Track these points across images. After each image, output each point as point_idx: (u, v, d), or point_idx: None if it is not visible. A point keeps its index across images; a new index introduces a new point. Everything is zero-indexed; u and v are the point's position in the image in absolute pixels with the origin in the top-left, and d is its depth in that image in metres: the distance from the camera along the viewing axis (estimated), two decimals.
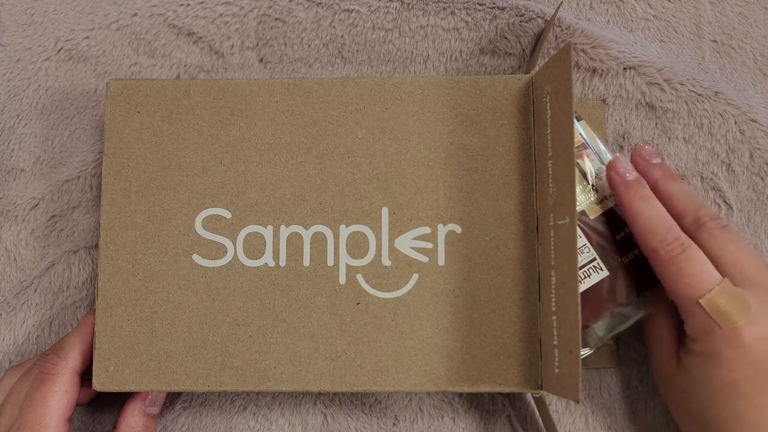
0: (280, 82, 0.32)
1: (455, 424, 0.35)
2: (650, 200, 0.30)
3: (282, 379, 0.30)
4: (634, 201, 0.30)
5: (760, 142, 0.36)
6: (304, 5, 0.38)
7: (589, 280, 0.31)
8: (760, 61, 0.38)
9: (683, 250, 0.28)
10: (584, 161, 0.32)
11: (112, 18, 0.38)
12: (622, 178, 0.30)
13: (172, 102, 0.32)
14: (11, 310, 0.36)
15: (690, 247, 0.28)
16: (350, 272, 0.31)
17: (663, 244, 0.28)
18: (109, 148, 0.32)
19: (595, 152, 0.32)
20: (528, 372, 0.30)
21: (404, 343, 0.30)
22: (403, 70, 0.38)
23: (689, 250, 0.28)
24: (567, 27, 0.36)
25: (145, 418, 0.32)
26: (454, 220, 0.31)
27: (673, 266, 0.28)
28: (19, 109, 0.38)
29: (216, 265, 0.31)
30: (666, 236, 0.29)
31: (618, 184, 0.30)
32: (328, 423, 0.35)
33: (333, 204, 0.31)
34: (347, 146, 0.32)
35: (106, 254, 0.31)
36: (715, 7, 0.38)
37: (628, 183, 0.30)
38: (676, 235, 0.29)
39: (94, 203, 0.37)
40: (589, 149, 0.32)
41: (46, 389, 0.30)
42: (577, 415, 0.34)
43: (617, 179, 0.30)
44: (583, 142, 0.32)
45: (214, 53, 0.38)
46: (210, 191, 0.32)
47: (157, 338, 0.31)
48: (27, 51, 0.38)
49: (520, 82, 0.32)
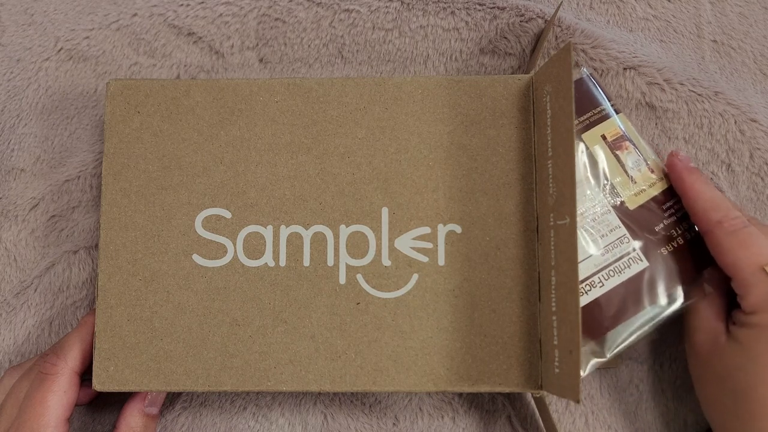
0: (280, 82, 0.32)
1: (455, 424, 0.35)
2: (710, 183, 0.31)
3: (282, 379, 0.30)
4: (696, 183, 0.31)
5: (760, 142, 0.36)
6: (304, 5, 0.38)
7: (629, 270, 0.31)
8: (760, 61, 0.38)
9: (745, 224, 0.30)
10: (623, 153, 0.32)
11: (112, 18, 0.38)
12: (684, 163, 0.32)
13: (172, 102, 0.32)
14: (11, 310, 0.36)
15: (750, 224, 0.30)
16: (350, 272, 0.31)
17: (727, 218, 0.30)
18: (109, 148, 0.32)
19: (634, 144, 0.32)
20: (528, 372, 0.30)
21: (404, 343, 0.30)
22: (403, 70, 0.38)
23: (750, 226, 0.30)
24: (567, 27, 0.36)
25: (145, 418, 0.32)
26: (454, 220, 0.31)
27: (737, 237, 0.29)
28: (19, 109, 0.38)
29: (216, 265, 0.31)
30: (728, 212, 0.30)
31: (681, 169, 0.32)
32: (328, 423, 0.35)
33: (333, 204, 0.31)
34: (347, 146, 0.32)
35: (106, 254, 0.31)
36: (715, 7, 0.38)
37: (690, 168, 0.32)
38: (737, 213, 0.30)
39: (94, 203, 0.37)
40: (627, 141, 0.32)
41: (45, 389, 0.30)
42: (577, 415, 0.34)
43: (680, 164, 0.32)
44: (621, 134, 0.32)
45: (214, 53, 0.38)
46: (210, 191, 0.32)
47: (157, 338, 0.31)
48: (27, 51, 0.38)
49: (520, 82, 0.32)
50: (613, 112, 0.33)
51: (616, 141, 0.32)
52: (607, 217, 0.32)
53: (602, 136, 0.32)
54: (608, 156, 0.32)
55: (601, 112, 0.32)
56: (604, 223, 0.31)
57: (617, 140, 0.32)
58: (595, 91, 0.33)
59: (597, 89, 0.33)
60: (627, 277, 0.31)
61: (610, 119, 0.32)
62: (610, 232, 0.31)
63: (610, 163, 0.32)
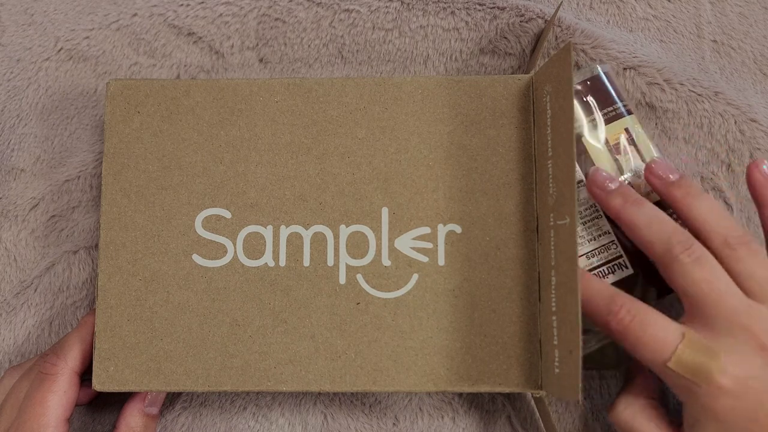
0: (280, 82, 0.32)
1: (455, 424, 0.35)
2: (585, 275, 0.28)
3: (282, 379, 0.30)
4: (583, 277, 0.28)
5: (760, 142, 0.36)
6: (304, 5, 0.38)
7: (612, 276, 0.31)
8: (760, 61, 0.38)
9: (632, 317, 0.27)
10: (623, 158, 0.32)
11: (112, 18, 0.38)
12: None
13: (172, 102, 0.32)
14: (11, 310, 0.36)
15: (638, 312, 0.27)
16: (350, 272, 0.31)
17: (611, 317, 0.27)
18: (109, 148, 0.32)
19: (638, 150, 0.32)
20: (528, 372, 0.30)
21: (404, 343, 0.30)
22: (403, 70, 0.38)
23: (638, 315, 0.27)
24: (567, 27, 0.36)
25: (145, 418, 0.32)
26: (454, 220, 0.31)
27: (629, 336, 0.27)
28: (19, 109, 0.38)
29: (216, 265, 0.31)
30: (611, 308, 0.27)
31: None
32: (328, 423, 0.35)
33: (333, 204, 0.31)
34: (347, 146, 0.32)
35: (106, 254, 0.31)
36: (715, 7, 0.38)
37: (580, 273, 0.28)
38: (620, 302, 0.27)
39: (94, 203, 0.37)
40: (632, 146, 0.32)
41: (45, 389, 0.30)
42: (577, 415, 0.34)
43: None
44: (628, 137, 0.32)
45: (214, 53, 0.38)
46: (210, 191, 0.32)
47: (157, 338, 0.31)
48: (27, 51, 0.38)
49: (520, 82, 0.32)
50: (625, 113, 0.32)
51: (617, 145, 0.32)
52: (597, 222, 0.31)
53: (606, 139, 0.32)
54: (608, 159, 0.32)
55: (613, 111, 0.32)
56: (594, 227, 0.31)
57: (619, 144, 0.32)
58: (611, 90, 0.33)
59: (611, 88, 0.33)
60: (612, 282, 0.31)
61: (621, 120, 0.32)
62: (600, 236, 0.31)
63: (610, 166, 0.32)
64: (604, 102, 0.32)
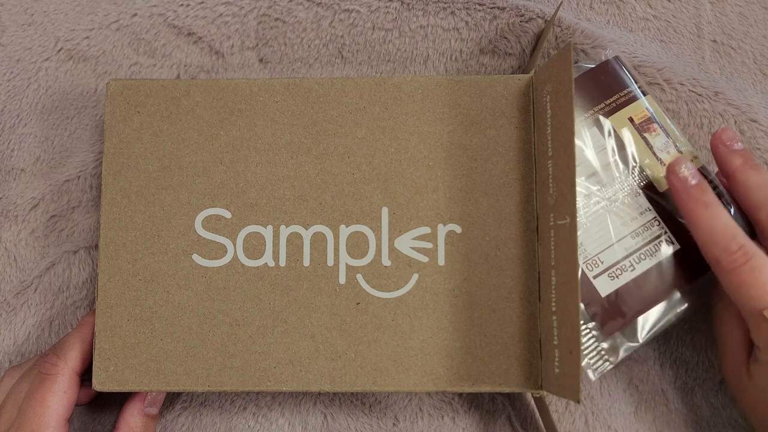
0: (280, 82, 0.32)
1: (455, 424, 0.35)
2: (712, 206, 0.28)
3: (282, 379, 0.30)
4: (696, 208, 0.28)
5: (760, 142, 0.36)
6: (304, 5, 0.38)
7: (659, 253, 0.31)
8: (760, 61, 0.38)
9: (747, 260, 0.27)
10: (651, 135, 0.32)
11: (112, 18, 0.38)
12: (683, 184, 0.29)
13: (172, 102, 0.32)
14: (11, 310, 0.36)
15: (754, 256, 0.27)
16: (350, 272, 0.31)
17: (725, 254, 0.27)
18: (109, 148, 0.32)
19: (662, 126, 0.32)
20: (528, 372, 0.30)
21: (404, 343, 0.30)
22: (403, 70, 0.38)
23: (753, 260, 0.27)
24: (567, 27, 0.36)
25: (145, 418, 0.32)
26: (454, 220, 0.31)
27: (736, 276, 0.27)
28: (19, 109, 0.38)
29: (216, 265, 0.31)
30: (729, 245, 0.27)
31: (678, 190, 0.29)
32: (328, 423, 0.35)
33: (333, 204, 0.31)
34: (347, 146, 0.32)
35: (106, 254, 0.31)
36: (715, 7, 0.38)
37: (689, 188, 0.29)
38: (740, 243, 0.27)
39: (94, 203, 0.37)
40: (654, 123, 0.32)
41: (45, 389, 0.30)
42: (577, 415, 0.34)
43: (678, 184, 0.29)
44: (649, 116, 0.32)
45: (214, 53, 0.38)
46: (210, 191, 0.32)
47: (157, 338, 0.31)
48: (27, 51, 0.38)
49: (520, 82, 0.32)
50: (640, 94, 0.32)
51: (643, 123, 0.32)
52: (637, 200, 0.31)
53: (629, 119, 0.32)
54: (636, 138, 0.32)
55: (628, 94, 0.32)
56: (633, 206, 0.31)
57: (645, 122, 0.32)
58: (622, 73, 0.33)
59: (624, 71, 0.33)
60: (658, 260, 0.31)
61: (638, 101, 0.32)
62: (640, 215, 0.31)
63: (638, 145, 0.32)
64: (618, 86, 0.32)
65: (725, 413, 0.34)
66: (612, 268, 0.31)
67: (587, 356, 0.31)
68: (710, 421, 0.34)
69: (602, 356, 0.31)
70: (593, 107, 0.32)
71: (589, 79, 0.33)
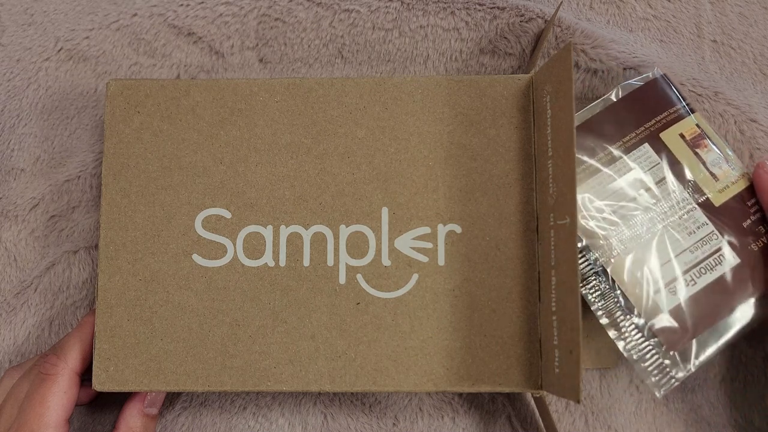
0: (280, 82, 0.32)
1: (455, 424, 0.35)
2: None
3: (282, 379, 0.30)
4: None
5: (760, 142, 0.36)
6: (304, 5, 0.38)
7: (720, 267, 0.31)
8: (760, 61, 0.38)
9: None
10: (703, 151, 0.32)
11: (112, 18, 0.38)
12: None
13: (172, 102, 0.32)
14: (11, 310, 0.36)
15: None
16: (350, 272, 0.31)
17: None
18: (109, 148, 0.32)
19: (713, 142, 0.33)
20: (528, 372, 0.30)
21: (404, 343, 0.30)
22: (403, 70, 0.38)
23: None
24: (567, 27, 0.36)
25: (144, 418, 0.32)
26: (454, 220, 0.31)
27: None
28: (19, 109, 0.38)
29: (216, 265, 0.31)
30: None
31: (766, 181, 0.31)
32: (328, 423, 0.35)
33: (333, 204, 0.31)
34: (347, 146, 0.32)
35: (106, 254, 0.31)
36: (715, 7, 0.38)
37: None
38: None
39: (94, 203, 0.37)
40: (706, 139, 0.32)
41: (45, 390, 0.30)
42: (577, 415, 0.34)
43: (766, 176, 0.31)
44: (700, 132, 0.33)
45: (214, 53, 0.38)
46: (210, 191, 0.32)
47: (157, 338, 0.31)
48: (27, 51, 0.38)
49: (520, 82, 0.32)
50: (689, 111, 0.33)
51: (694, 139, 0.32)
52: (693, 214, 0.32)
53: (681, 135, 0.32)
54: (688, 154, 0.32)
55: (676, 111, 0.33)
56: (690, 221, 0.31)
57: (696, 138, 0.32)
58: (670, 92, 0.33)
59: (672, 89, 0.33)
60: (718, 275, 0.31)
61: (687, 118, 0.33)
62: (698, 229, 0.31)
63: (691, 161, 0.32)
64: (666, 104, 0.33)
65: (725, 413, 0.34)
66: (672, 283, 0.31)
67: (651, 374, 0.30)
68: (710, 421, 0.34)
69: (666, 373, 0.31)
70: (643, 124, 0.33)
71: (638, 98, 0.33)
